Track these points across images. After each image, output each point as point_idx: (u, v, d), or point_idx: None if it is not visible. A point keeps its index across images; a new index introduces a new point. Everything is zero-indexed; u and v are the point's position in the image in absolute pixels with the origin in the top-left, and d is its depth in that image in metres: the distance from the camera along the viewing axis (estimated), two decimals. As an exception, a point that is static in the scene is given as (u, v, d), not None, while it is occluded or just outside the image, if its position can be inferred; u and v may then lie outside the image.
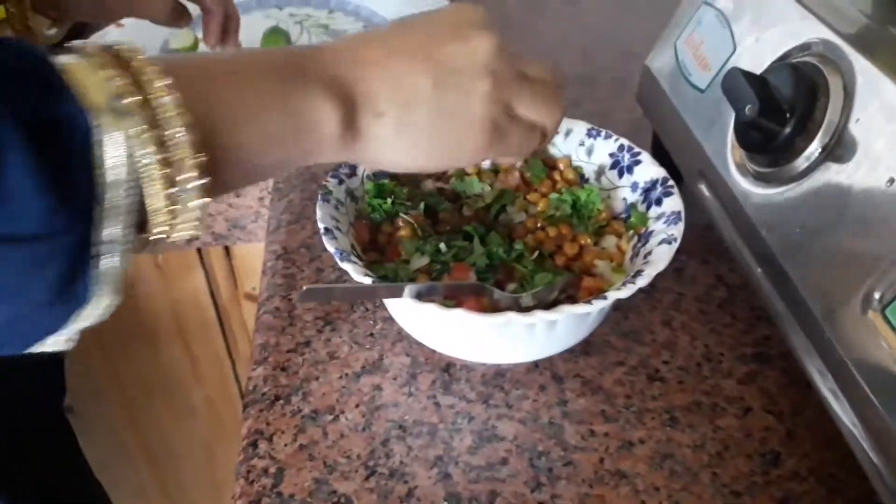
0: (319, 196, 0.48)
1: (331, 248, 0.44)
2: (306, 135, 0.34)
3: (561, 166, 0.54)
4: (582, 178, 0.54)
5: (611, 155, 0.53)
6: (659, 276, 0.54)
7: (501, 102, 0.38)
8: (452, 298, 0.44)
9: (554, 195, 0.52)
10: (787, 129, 0.41)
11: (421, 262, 0.47)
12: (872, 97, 0.38)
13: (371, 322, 0.52)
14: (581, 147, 0.55)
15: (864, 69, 0.39)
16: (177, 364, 0.92)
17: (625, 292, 0.41)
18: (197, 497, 1.06)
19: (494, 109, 0.38)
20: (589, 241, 0.50)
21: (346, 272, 0.43)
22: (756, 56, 0.47)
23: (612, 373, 0.48)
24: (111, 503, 0.85)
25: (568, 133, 0.55)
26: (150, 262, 0.82)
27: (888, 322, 0.34)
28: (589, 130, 0.54)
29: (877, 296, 0.35)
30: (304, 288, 0.41)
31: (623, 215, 0.51)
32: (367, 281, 0.42)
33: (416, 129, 0.37)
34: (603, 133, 0.54)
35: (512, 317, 0.40)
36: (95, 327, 0.31)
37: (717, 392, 0.46)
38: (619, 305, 0.52)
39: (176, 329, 0.88)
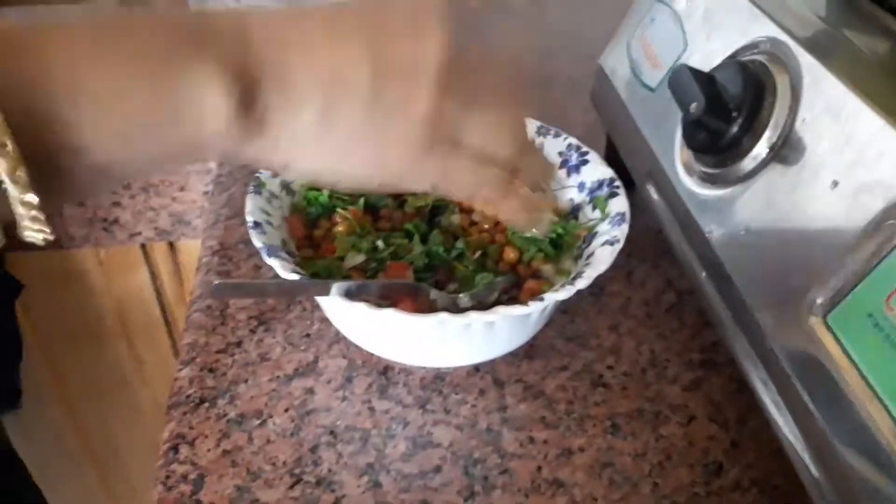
0: (251, 188, 0.45)
1: (258, 242, 0.42)
2: (182, 127, 0.28)
3: None
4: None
5: (560, 154, 0.52)
6: (608, 279, 0.53)
7: (444, 125, 0.33)
8: (387, 298, 0.42)
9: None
10: (734, 128, 0.40)
11: (356, 259, 0.44)
12: (818, 97, 0.37)
13: (308, 322, 0.50)
14: (530, 145, 0.53)
15: (810, 67, 0.38)
16: (122, 363, 0.89)
17: (563, 294, 0.40)
18: (143, 500, 1.03)
19: (435, 130, 0.32)
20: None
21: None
22: (707, 54, 0.46)
23: (554, 378, 0.46)
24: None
25: (517, 130, 0.53)
26: (93, 257, 0.79)
27: (830, 330, 0.33)
28: (539, 128, 0.53)
29: (819, 301, 0.34)
30: (215, 283, 0.39)
31: (571, 216, 0.50)
32: (295, 278, 0.40)
33: (344, 125, 0.31)
34: (553, 131, 0.52)
35: (445, 317, 0.38)
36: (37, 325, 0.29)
37: (662, 399, 0.45)
38: (566, 309, 0.51)
39: (120, 327, 0.85)
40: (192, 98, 0.28)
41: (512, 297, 0.44)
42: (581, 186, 0.50)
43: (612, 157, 0.54)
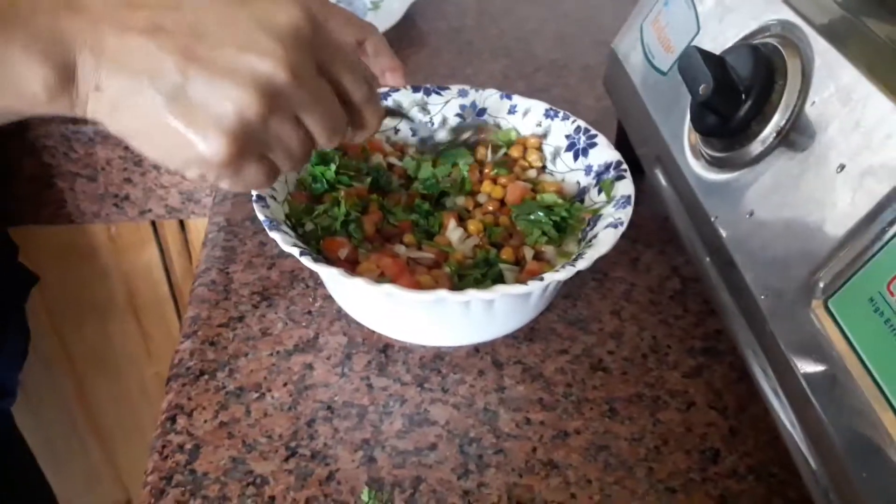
0: (255, 162, 0.45)
1: (261, 216, 0.42)
2: (2, 98, 0.30)
3: (528, 146, 0.52)
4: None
5: (567, 137, 0.51)
6: (612, 264, 0.53)
7: (281, 108, 0.32)
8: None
9: (540, 215, 0.46)
10: (742, 111, 0.39)
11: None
12: (829, 80, 0.36)
13: (310, 299, 0.50)
14: (538, 127, 0.53)
15: (822, 51, 0.37)
16: (129, 339, 0.89)
17: (563, 274, 0.39)
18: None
19: (259, 119, 0.31)
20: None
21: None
22: (719, 37, 0.45)
23: (554, 361, 0.46)
24: (52, 494, 0.83)
25: (526, 113, 0.53)
26: (104, 233, 0.79)
27: (831, 314, 0.32)
28: (547, 111, 0.52)
29: (821, 285, 0.33)
30: None
31: (576, 199, 0.49)
32: (296, 251, 0.40)
33: (133, 117, 0.31)
34: (561, 114, 0.52)
35: (444, 294, 0.38)
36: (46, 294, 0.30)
37: (661, 385, 0.45)
38: (568, 293, 0.51)
39: (128, 303, 0.86)
40: (8, 76, 0.29)
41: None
42: (588, 169, 0.49)
43: (622, 145, 0.53)
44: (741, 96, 0.39)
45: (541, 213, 0.45)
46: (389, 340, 0.47)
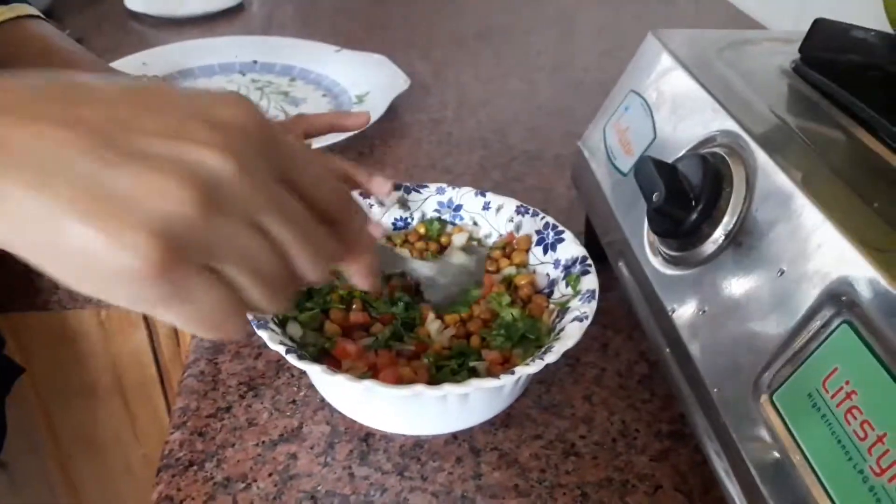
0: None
1: (249, 314, 0.44)
2: None
3: (518, 246, 0.55)
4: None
5: (537, 232, 0.55)
6: (584, 350, 0.56)
7: (229, 206, 0.26)
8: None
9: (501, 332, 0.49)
10: (693, 216, 0.43)
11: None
12: (770, 189, 0.40)
13: (295, 389, 0.52)
14: (510, 223, 0.56)
15: (763, 162, 0.41)
16: (115, 421, 0.90)
17: (533, 368, 0.42)
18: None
19: (197, 215, 0.25)
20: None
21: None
22: (673, 144, 0.49)
23: (529, 446, 0.48)
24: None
25: (499, 209, 0.57)
26: (94, 318, 0.81)
27: (775, 408, 0.35)
28: (518, 207, 0.56)
29: (766, 381, 0.36)
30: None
31: (546, 290, 0.53)
32: (282, 350, 0.42)
33: (34, 222, 0.25)
34: (531, 211, 0.56)
35: (420, 389, 0.41)
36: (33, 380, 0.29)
37: (630, 469, 0.47)
38: (543, 378, 0.53)
39: (116, 385, 0.87)
40: None
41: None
42: (557, 263, 0.53)
43: (591, 233, 0.57)
44: (692, 202, 0.43)
45: (502, 331, 0.48)
46: (370, 429, 0.49)
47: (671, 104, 0.51)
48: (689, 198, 0.43)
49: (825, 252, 0.35)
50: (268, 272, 0.28)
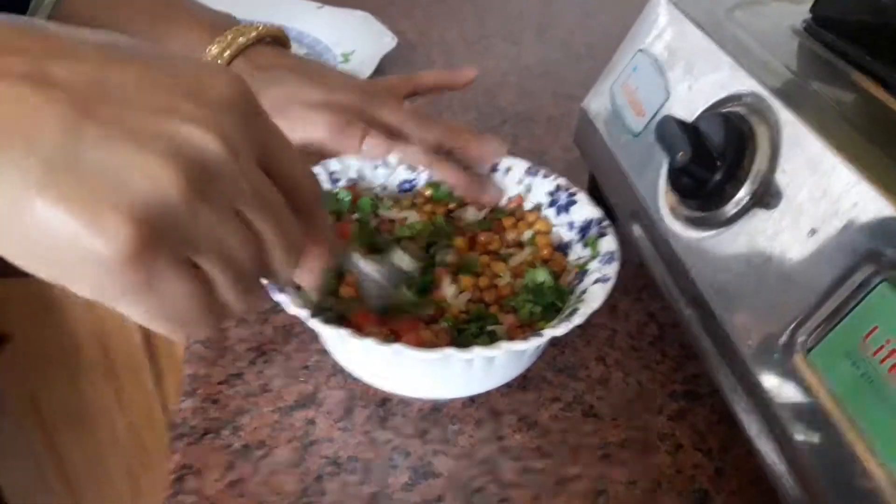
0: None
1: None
2: None
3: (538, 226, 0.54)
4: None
5: (549, 194, 0.54)
6: (593, 312, 0.56)
7: (216, 193, 0.24)
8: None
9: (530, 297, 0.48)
10: (717, 176, 0.43)
11: None
12: (797, 149, 0.40)
13: (306, 354, 0.51)
14: (519, 185, 0.56)
15: (788, 122, 0.41)
16: (100, 390, 0.88)
17: (561, 330, 0.42)
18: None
19: (184, 202, 0.23)
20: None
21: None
22: (688, 104, 0.49)
23: (548, 409, 0.48)
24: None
25: (508, 170, 0.56)
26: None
27: (812, 366, 0.36)
28: (528, 169, 0.55)
29: (801, 340, 0.36)
30: None
31: (562, 251, 0.52)
32: (302, 313, 0.41)
33: None
34: (542, 172, 0.55)
35: (450, 352, 0.40)
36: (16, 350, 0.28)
37: (650, 429, 0.47)
38: (556, 341, 0.53)
39: (100, 354, 0.85)
40: None
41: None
42: (570, 225, 0.52)
43: (594, 194, 0.57)
44: (716, 163, 0.43)
45: (530, 295, 0.48)
46: (386, 394, 0.49)
47: (685, 63, 0.51)
48: (713, 158, 0.43)
49: (861, 211, 0.35)
50: (241, 266, 0.26)
